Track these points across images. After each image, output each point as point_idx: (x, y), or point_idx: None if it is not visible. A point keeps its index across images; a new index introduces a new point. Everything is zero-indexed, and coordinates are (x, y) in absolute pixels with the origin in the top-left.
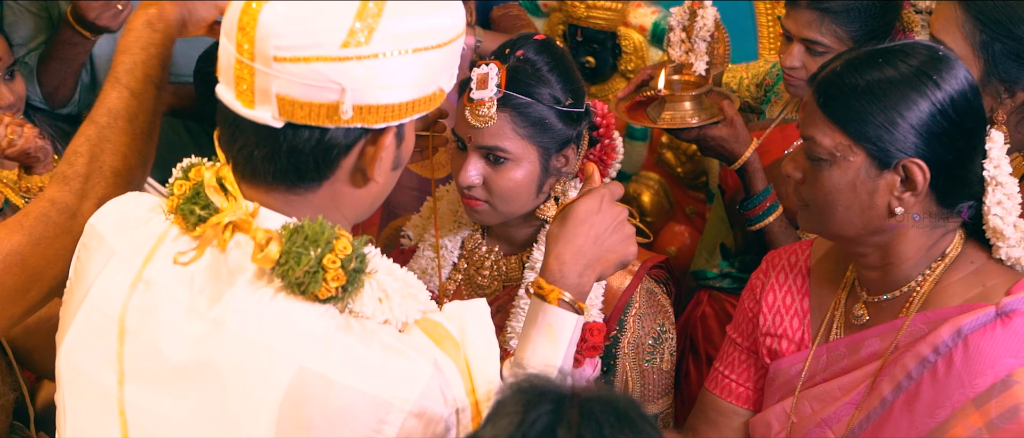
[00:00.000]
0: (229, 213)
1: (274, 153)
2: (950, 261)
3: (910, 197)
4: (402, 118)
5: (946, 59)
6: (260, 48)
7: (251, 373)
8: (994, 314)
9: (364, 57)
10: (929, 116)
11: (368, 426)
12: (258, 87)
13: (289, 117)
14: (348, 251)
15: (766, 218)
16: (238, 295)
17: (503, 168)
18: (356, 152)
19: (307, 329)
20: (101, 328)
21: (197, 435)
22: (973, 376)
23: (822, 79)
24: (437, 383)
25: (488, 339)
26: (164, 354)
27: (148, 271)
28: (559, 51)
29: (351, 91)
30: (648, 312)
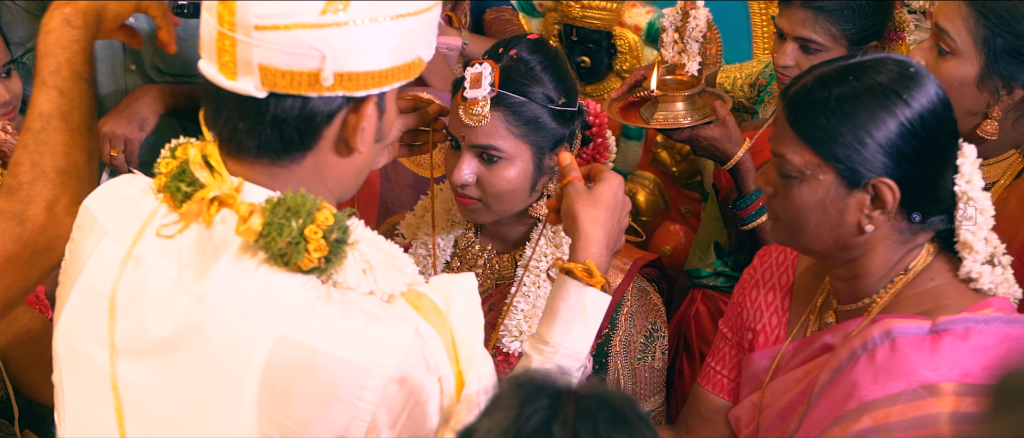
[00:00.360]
0: (214, 188)
1: (258, 124)
2: (912, 276)
3: (880, 215)
4: (382, 86)
5: (917, 75)
6: (241, 18)
7: (233, 343)
8: (928, 328)
9: (343, 23)
10: (898, 135)
11: (349, 392)
12: (240, 58)
13: (272, 87)
14: (330, 222)
15: (758, 218)
16: (222, 268)
17: (496, 167)
18: (339, 121)
19: (288, 299)
20: (94, 306)
21: (187, 406)
22: (888, 377)
23: (793, 95)
24: (418, 350)
25: (473, 310)
26: (151, 329)
27: (138, 248)
28: (552, 50)
29: (331, 58)
30: (640, 310)
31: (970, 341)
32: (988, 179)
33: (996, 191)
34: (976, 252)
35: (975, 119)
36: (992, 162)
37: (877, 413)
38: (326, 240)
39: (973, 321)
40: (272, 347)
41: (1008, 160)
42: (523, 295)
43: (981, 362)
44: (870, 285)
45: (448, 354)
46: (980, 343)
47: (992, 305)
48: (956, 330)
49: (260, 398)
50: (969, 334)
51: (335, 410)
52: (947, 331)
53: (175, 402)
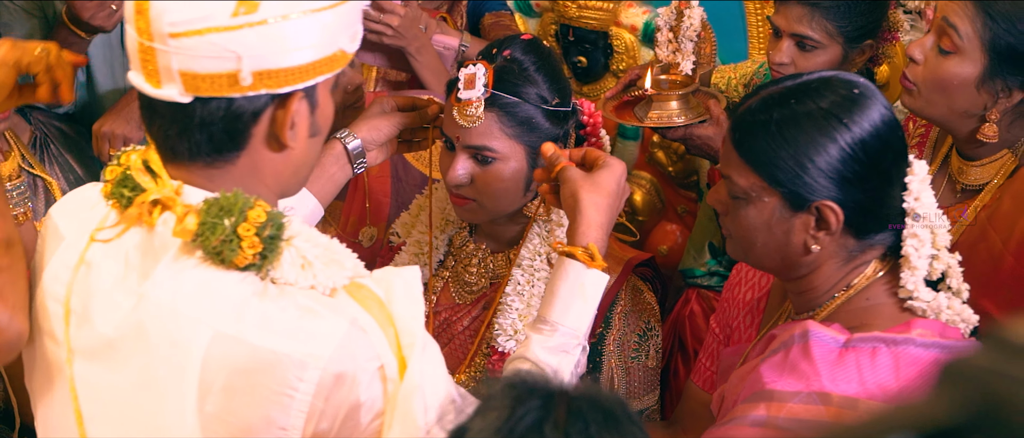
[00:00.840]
0: (154, 192)
1: (187, 129)
2: (853, 293)
3: (825, 236)
4: (305, 81)
5: (860, 98)
6: (156, 27)
7: (173, 341)
8: (842, 341)
9: (255, 23)
10: (839, 160)
11: (284, 384)
12: (161, 66)
13: (195, 91)
14: (262, 219)
15: None
16: (162, 268)
17: (491, 167)
18: (266, 119)
19: (224, 296)
20: (52, 312)
21: (137, 405)
22: (792, 374)
23: (738, 117)
24: (355, 340)
25: (414, 300)
26: (99, 330)
27: (90, 253)
28: (546, 51)
29: (247, 58)
30: (633, 310)
31: (875, 360)
32: (981, 180)
33: (989, 191)
34: (915, 268)
35: (972, 122)
36: (985, 162)
37: (772, 404)
38: (260, 237)
39: (883, 341)
40: (209, 344)
41: (1001, 160)
42: (517, 294)
43: (881, 381)
44: (815, 299)
45: (389, 342)
46: (885, 363)
47: (916, 327)
48: (864, 348)
49: (200, 395)
50: (876, 354)
51: (273, 403)
52: (856, 348)
53: (127, 401)
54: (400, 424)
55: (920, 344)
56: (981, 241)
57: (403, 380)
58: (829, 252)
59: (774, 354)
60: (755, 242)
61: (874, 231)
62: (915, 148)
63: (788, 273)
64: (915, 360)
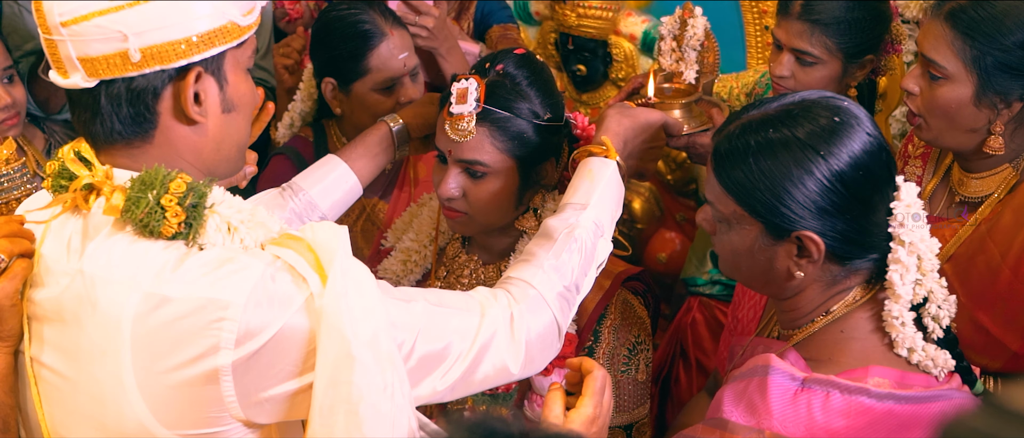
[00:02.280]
0: (85, 178)
1: (97, 113)
2: (830, 320)
3: (807, 264)
4: (197, 54)
5: (841, 126)
6: (50, 19)
7: (105, 309)
8: (800, 381)
9: (135, 2)
10: (818, 192)
11: (207, 328)
12: (63, 56)
13: (95, 75)
14: (182, 189)
15: None
16: (94, 245)
17: (482, 181)
18: (168, 95)
19: (150, 260)
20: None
21: (80, 376)
22: (748, 409)
23: (718, 144)
24: (274, 275)
25: (333, 228)
26: (45, 311)
27: (44, 247)
28: (538, 65)
29: (133, 36)
30: (623, 323)
31: (828, 404)
32: (982, 192)
33: (990, 204)
34: (899, 296)
35: (978, 136)
36: (986, 175)
37: (726, 433)
38: (182, 206)
39: (837, 387)
40: (136, 305)
41: (1002, 174)
42: None
43: (828, 426)
44: (797, 319)
45: (310, 263)
46: (836, 408)
47: (873, 375)
48: (817, 391)
49: (134, 357)
50: (829, 398)
51: (202, 350)
52: (810, 389)
53: (71, 375)
54: (327, 335)
55: (874, 394)
56: (979, 253)
57: (325, 289)
58: (812, 277)
59: (740, 380)
60: (740, 265)
61: (858, 257)
62: (918, 159)
63: (774, 294)
64: (866, 410)
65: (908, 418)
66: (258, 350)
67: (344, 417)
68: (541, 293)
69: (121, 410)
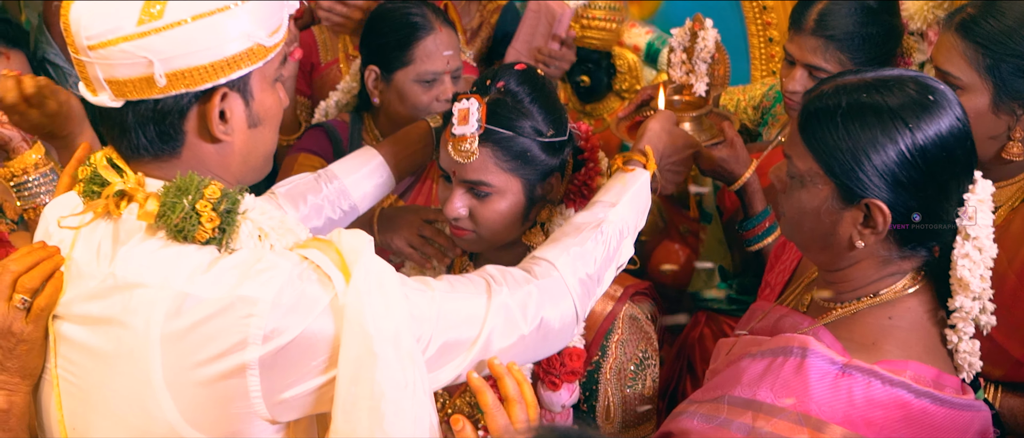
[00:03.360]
0: (118, 184)
1: (125, 130)
2: (878, 303)
3: (870, 235)
4: (223, 76)
5: (932, 104)
6: (77, 41)
7: (136, 310)
8: (840, 365)
9: (162, 29)
10: (896, 162)
11: (235, 325)
12: (91, 76)
13: (123, 96)
14: (218, 195)
15: (765, 239)
16: (128, 249)
17: (488, 201)
18: (194, 115)
19: (183, 263)
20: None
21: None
22: (784, 390)
23: (809, 102)
24: (302, 274)
25: (359, 235)
26: (73, 315)
27: (75, 251)
28: (540, 81)
29: (159, 62)
30: (630, 338)
31: (868, 393)
32: (999, 202)
33: (1001, 214)
34: (972, 291)
35: (996, 144)
36: (1005, 185)
37: (760, 415)
38: (217, 211)
39: (878, 377)
40: (168, 305)
41: (1018, 184)
42: None
43: (866, 416)
44: (844, 293)
45: (335, 262)
46: (876, 399)
47: (912, 368)
48: (858, 377)
49: (164, 357)
50: (870, 386)
51: (230, 347)
52: (852, 375)
53: (97, 377)
54: (350, 332)
55: (913, 389)
56: None
57: (348, 287)
58: (870, 251)
59: (766, 357)
60: (803, 225)
61: (919, 241)
62: None
63: (828, 262)
64: (904, 404)
65: (942, 421)
66: (284, 347)
67: (367, 413)
68: (562, 275)
69: (149, 411)
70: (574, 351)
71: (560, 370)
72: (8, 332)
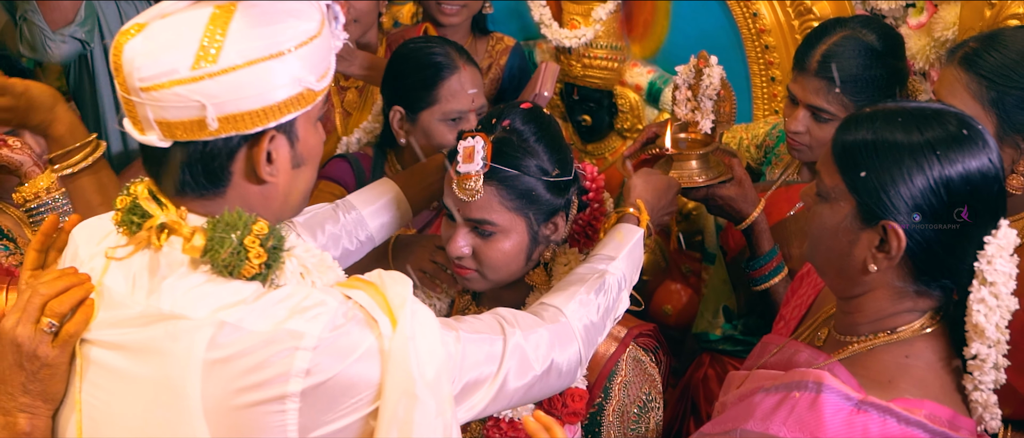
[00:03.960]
0: (161, 217)
1: (171, 169)
2: (894, 340)
3: (884, 259)
4: (272, 120)
5: (967, 138)
6: (129, 82)
7: (178, 336)
8: (855, 400)
9: (215, 74)
10: (919, 190)
11: (279, 357)
12: (140, 115)
13: (172, 136)
14: (266, 231)
15: (772, 278)
16: (172, 283)
17: (492, 240)
18: (242, 157)
19: (228, 295)
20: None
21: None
22: (798, 426)
23: (846, 119)
24: (347, 312)
25: (401, 278)
26: (103, 341)
27: (107, 278)
28: (546, 120)
29: (211, 106)
30: (634, 380)
31: (884, 430)
32: None
33: None
34: (988, 338)
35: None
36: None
37: None
38: (264, 247)
39: (896, 415)
40: (213, 334)
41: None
42: None
43: None
44: (859, 326)
45: (379, 305)
46: (891, 437)
47: (926, 408)
48: (874, 415)
49: (205, 385)
50: (886, 424)
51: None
52: (868, 412)
53: (128, 404)
54: (393, 374)
55: (929, 429)
56: None
57: (395, 333)
58: (885, 280)
59: (779, 391)
60: (821, 244)
61: (933, 275)
62: None
63: (843, 287)
64: None
65: None
66: (325, 384)
67: None
68: (570, 320)
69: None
70: (576, 392)
71: (562, 411)
72: (33, 355)
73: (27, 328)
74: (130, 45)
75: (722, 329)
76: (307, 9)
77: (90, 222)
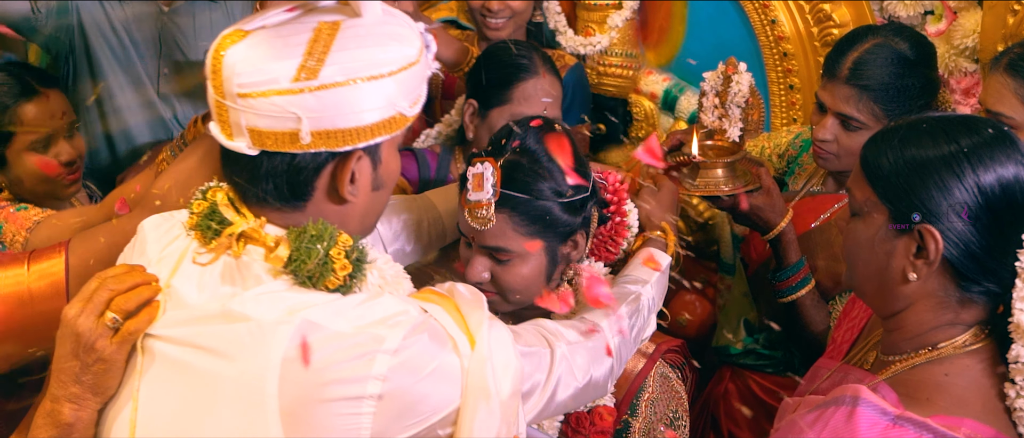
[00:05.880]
0: (241, 225)
1: (255, 178)
2: (935, 356)
3: (923, 265)
4: (364, 141)
5: (996, 139)
6: (227, 87)
7: (258, 337)
8: (892, 416)
9: (315, 88)
10: (954, 193)
11: (360, 360)
12: (232, 121)
13: (261, 145)
14: (350, 243)
15: (799, 290)
16: (253, 292)
17: (509, 266)
18: (327, 173)
19: (310, 299)
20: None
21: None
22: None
23: (875, 134)
24: (426, 323)
25: (475, 292)
26: (178, 340)
27: (174, 280)
28: (558, 135)
29: (307, 119)
30: (661, 397)
31: None
32: None
33: None
34: None
35: None
36: None
37: None
38: (349, 260)
39: (933, 431)
40: (293, 335)
41: None
42: None
43: None
44: (901, 343)
45: (456, 321)
46: None
47: (966, 426)
48: (910, 430)
49: (282, 385)
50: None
51: (350, 374)
52: (904, 428)
53: (192, 396)
54: (471, 390)
55: None
56: None
57: (474, 353)
58: (926, 290)
59: (823, 407)
60: (858, 259)
61: (976, 278)
62: None
63: (884, 304)
64: None
65: None
66: (401, 391)
67: None
68: (607, 337)
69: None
70: (605, 410)
71: (590, 430)
72: (90, 348)
73: (89, 320)
74: (232, 50)
75: (743, 343)
76: (409, 35)
77: (158, 218)
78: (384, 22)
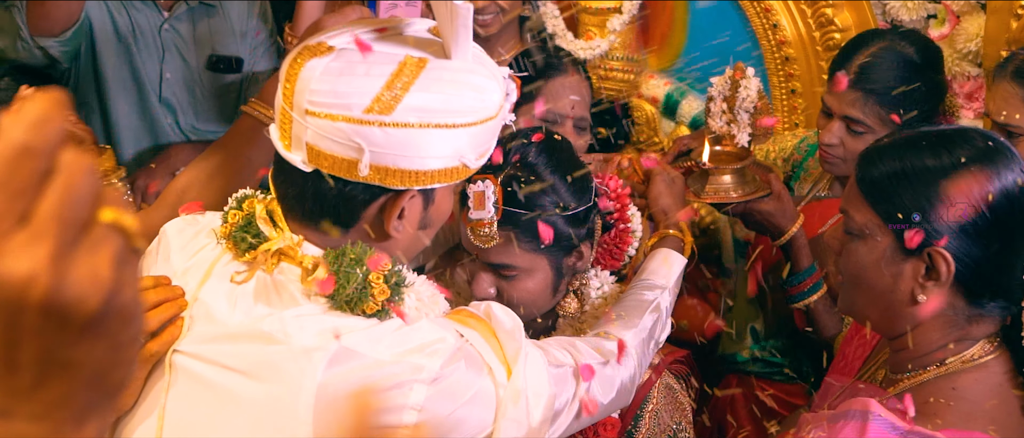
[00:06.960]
0: (277, 241)
1: (303, 194)
2: (943, 373)
3: (933, 287)
4: (420, 185)
5: (996, 152)
6: (297, 100)
7: (294, 361)
8: (903, 430)
9: (386, 124)
10: (961, 212)
11: (397, 388)
12: (294, 134)
13: (316, 164)
14: (389, 267)
15: (811, 295)
16: (292, 313)
17: (515, 282)
18: (376, 207)
19: (346, 323)
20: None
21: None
22: None
23: (866, 152)
24: (463, 350)
25: (512, 315)
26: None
27: (202, 291)
28: (558, 146)
29: (370, 152)
30: (665, 408)
31: None
32: None
33: None
34: None
35: None
36: None
37: None
38: (387, 284)
39: None
40: (329, 360)
41: None
42: None
43: None
44: (909, 362)
45: (493, 349)
46: None
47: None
48: None
49: (317, 411)
50: None
51: (387, 403)
52: None
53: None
54: (507, 420)
55: None
56: None
57: (509, 383)
58: (935, 308)
59: (833, 421)
60: (861, 284)
61: (987, 295)
62: None
63: (889, 326)
64: None
65: None
66: (438, 419)
67: None
68: (631, 352)
69: None
70: (609, 421)
71: None
72: None
73: None
74: (313, 63)
75: (750, 350)
76: (492, 88)
77: (181, 222)
78: (471, 70)
